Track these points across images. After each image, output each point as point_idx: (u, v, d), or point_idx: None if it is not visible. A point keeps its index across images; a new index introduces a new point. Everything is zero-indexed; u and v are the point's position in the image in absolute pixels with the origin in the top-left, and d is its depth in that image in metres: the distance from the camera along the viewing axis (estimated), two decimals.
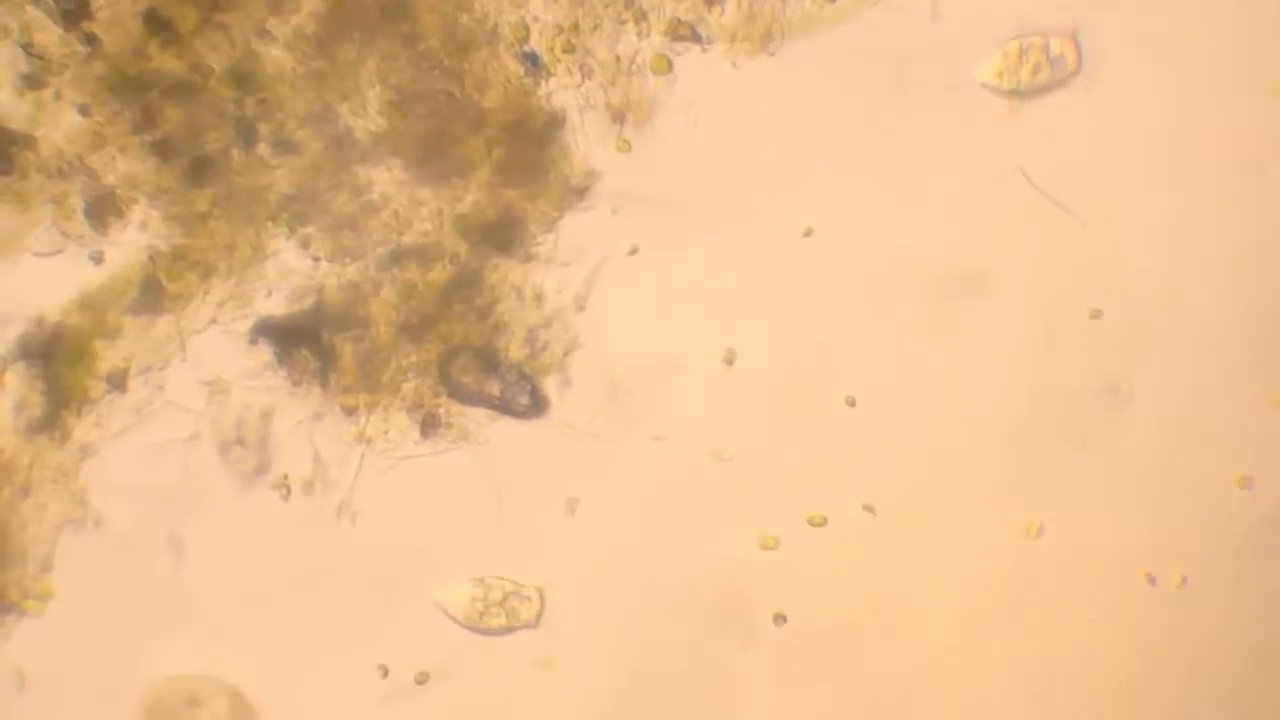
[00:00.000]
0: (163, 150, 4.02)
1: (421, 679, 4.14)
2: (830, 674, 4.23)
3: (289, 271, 4.07)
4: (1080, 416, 4.25)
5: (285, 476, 4.08)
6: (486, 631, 4.14)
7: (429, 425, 4.11)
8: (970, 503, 4.24)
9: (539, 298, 4.12)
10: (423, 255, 4.09)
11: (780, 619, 4.19)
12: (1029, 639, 4.26)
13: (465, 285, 4.10)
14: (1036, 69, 4.17)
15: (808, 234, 4.18)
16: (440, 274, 4.10)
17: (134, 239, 4.04)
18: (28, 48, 3.97)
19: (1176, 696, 4.27)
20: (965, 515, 4.23)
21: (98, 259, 4.04)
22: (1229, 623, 4.31)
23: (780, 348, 4.19)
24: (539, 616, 4.15)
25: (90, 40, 3.97)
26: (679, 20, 4.13)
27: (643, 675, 4.20)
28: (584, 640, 4.18)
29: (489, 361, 4.11)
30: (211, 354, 4.06)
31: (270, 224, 4.06)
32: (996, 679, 4.25)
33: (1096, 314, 4.22)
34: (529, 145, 4.11)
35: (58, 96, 4.00)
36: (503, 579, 4.13)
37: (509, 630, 4.14)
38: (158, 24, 3.97)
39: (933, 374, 4.22)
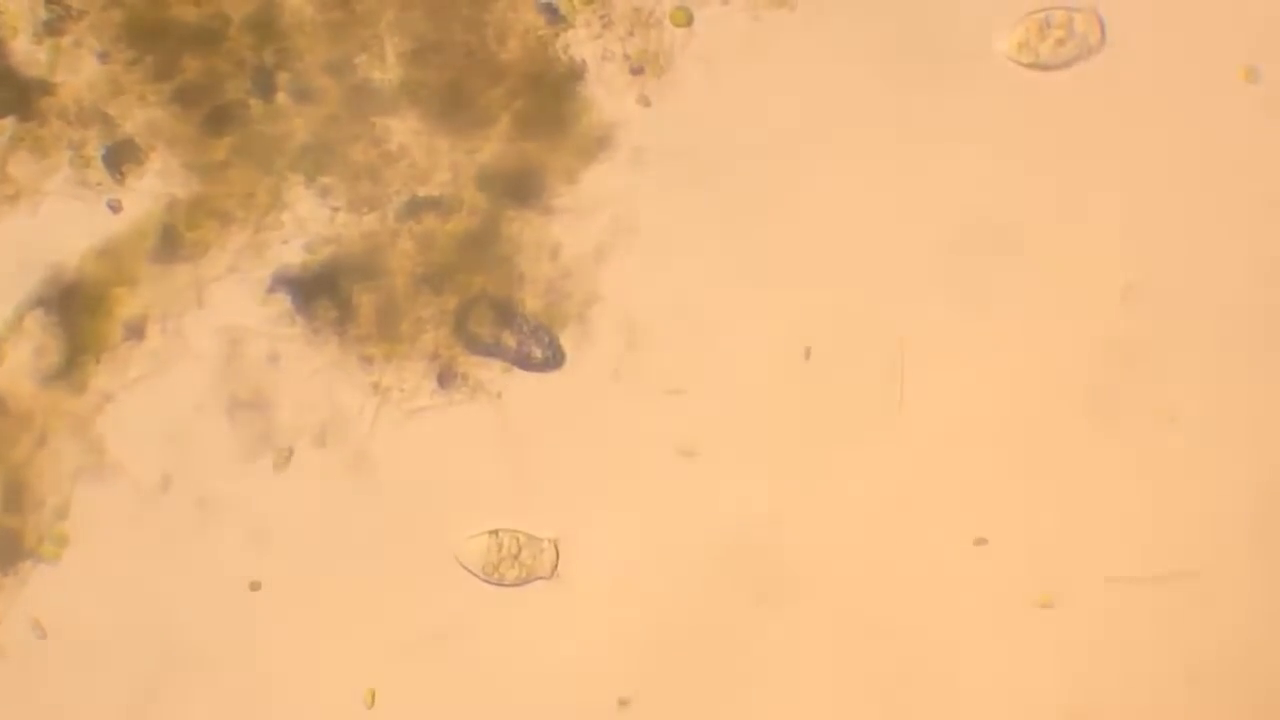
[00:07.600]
0: (182, 98, 4.01)
1: (436, 630, 4.14)
2: (843, 637, 4.22)
3: (307, 221, 4.06)
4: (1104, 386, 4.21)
5: (291, 444, 4.09)
6: (502, 583, 4.13)
7: (446, 376, 4.10)
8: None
9: (558, 250, 4.11)
10: (441, 206, 4.08)
11: (795, 578, 4.19)
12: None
13: (484, 236, 4.09)
14: (1059, 43, 4.15)
15: (826, 190, 4.16)
16: (459, 225, 4.09)
17: (152, 187, 4.04)
18: None
19: (1220, 674, 4.23)
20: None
21: (116, 207, 4.04)
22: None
23: (799, 300, 4.18)
24: (554, 569, 4.14)
25: None
26: None
27: (656, 629, 4.19)
28: (599, 593, 4.18)
29: (505, 313, 4.10)
30: (230, 302, 4.06)
31: (289, 173, 4.05)
32: (1029, 649, 4.24)
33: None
34: (549, 97, 4.09)
35: (77, 44, 3.99)
36: (517, 531, 4.13)
37: (525, 582, 4.14)
38: None
39: (954, 338, 4.20)
